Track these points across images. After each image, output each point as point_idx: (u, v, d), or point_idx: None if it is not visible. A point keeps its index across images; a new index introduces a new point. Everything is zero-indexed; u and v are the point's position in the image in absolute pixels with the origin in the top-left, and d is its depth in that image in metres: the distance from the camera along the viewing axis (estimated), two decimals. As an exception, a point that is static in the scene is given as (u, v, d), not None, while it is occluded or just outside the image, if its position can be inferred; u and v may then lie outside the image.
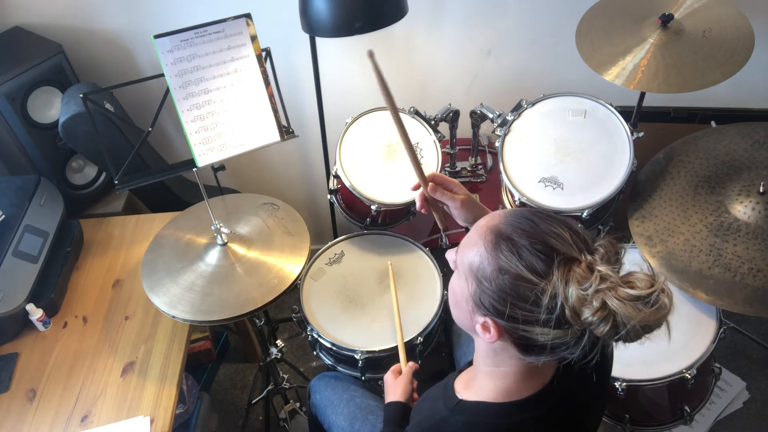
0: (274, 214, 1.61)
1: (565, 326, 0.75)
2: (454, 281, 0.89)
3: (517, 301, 0.77)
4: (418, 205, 1.12)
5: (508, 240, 0.79)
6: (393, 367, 1.33)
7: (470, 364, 1.00)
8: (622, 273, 0.77)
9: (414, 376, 1.33)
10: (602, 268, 0.74)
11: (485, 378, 0.91)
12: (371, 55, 0.92)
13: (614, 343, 0.79)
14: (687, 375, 1.39)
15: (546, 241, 0.77)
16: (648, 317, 0.71)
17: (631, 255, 1.63)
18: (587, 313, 0.73)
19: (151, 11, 1.90)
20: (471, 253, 0.83)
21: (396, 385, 1.28)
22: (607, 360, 1.02)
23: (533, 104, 1.67)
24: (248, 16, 1.33)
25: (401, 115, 1.04)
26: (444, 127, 1.82)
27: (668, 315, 0.73)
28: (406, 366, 1.33)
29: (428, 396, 1.06)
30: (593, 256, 0.76)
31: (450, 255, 0.92)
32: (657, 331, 0.74)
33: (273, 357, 1.78)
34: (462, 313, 0.88)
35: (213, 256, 1.49)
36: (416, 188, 1.12)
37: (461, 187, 1.11)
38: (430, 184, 1.09)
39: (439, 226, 1.16)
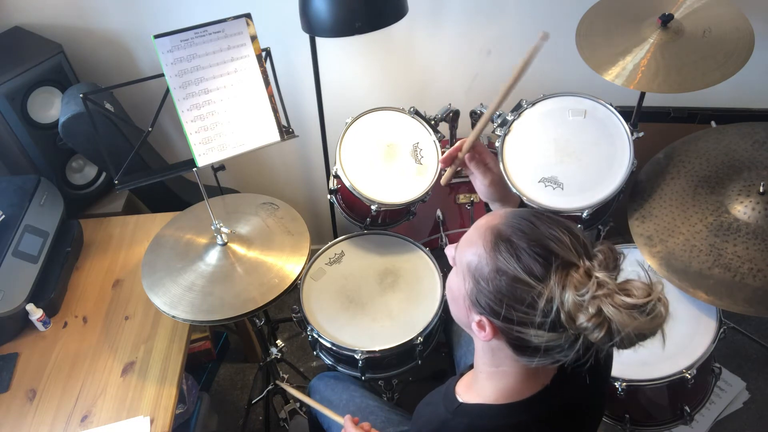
0: (274, 213, 1.61)
1: (559, 330, 0.75)
2: (452, 278, 0.90)
3: (514, 302, 0.77)
4: (442, 158, 1.11)
5: (508, 241, 0.79)
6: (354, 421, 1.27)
7: (471, 367, 1.00)
8: (621, 278, 0.77)
9: (414, 376, 1.32)
10: (600, 274, 0.74)
11: (486, 380, 0.91)
12: (545, 38, 0.92)
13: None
14: (687, 375, 1.39)
15: (545, 245, 0.77)
16: (643, 325, 0.71)
17: (631, 255, 1.63)
18: (582, 319, 0.73)
19: (151, 11, 1.90)
20: (469, 252, 0.83)
21: None
22: (606, 361, 1.02)
23: (533, 104, 1.67)
24: (248, 16, 1.33)
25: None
26: (444, 127, 1.82)
27: (664, 324, 0.73)
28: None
29: (429, 401, 1.06)
30: (591, 262, 0.76)
31: (449, 251, 0.92)
32: (651, 338, 0.74)
33: (273, 357, 1.78)
34: (459, 310, 0.88)
35: (213, 256, 1.49)
36: (457, 148, 1.10)
37: (497, 164, 1.11)
38: (470, 152, 1.08)
39: (441, 182, 1.16)
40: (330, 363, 1.62)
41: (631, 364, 1.42)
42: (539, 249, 0.77)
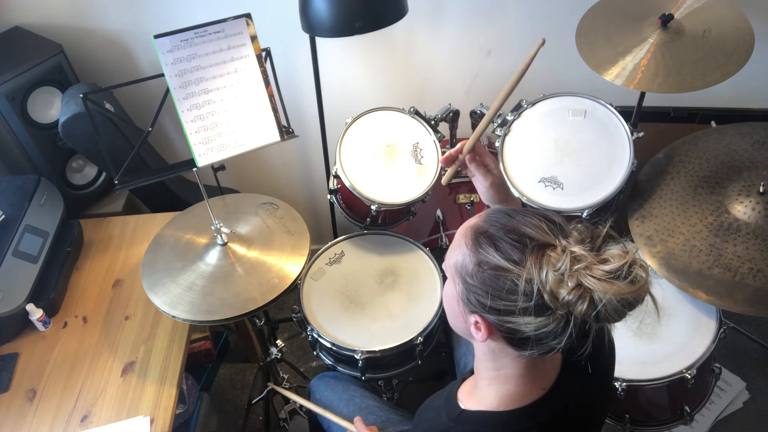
0: (274, 213, 1.61)
1: (546, 313, 0.76)
2: (446, 287, 0.91)
3: (497, 291, 0.79)
4: (443, 158, 1.09)
5: (486, 234, 0.82)
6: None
7: (473, 372, 0.99)
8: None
9: (414, 376, 1.32)
10: (575, 249, 0.76)
11: (488, 386, 0.91)
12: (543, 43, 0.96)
13: (611, 331, 0.78)
14: (687, 375, 1.39)
15: (521, 231, 0.79)
16: (623, 290, 0.72)
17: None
18: (563, 293, 0.74)
19: (151, 11, 1.90)
20: (455, 254, 0.86)
21: None
22: (609, 361, 1.02)
23: (533, 104, 1.67)
24: (248, 16, 1.33)
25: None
26: (444, 127, 1.82)
27: (646, 288, 0.74)
28: None
29: (431, 405, 1.05)
30: (567, 240, 0.78)
31: (444, 265, 0.93)
32: (642, 307, 0.75)
33: (273, 357, 1.78)
34: (456, 318, 0.89)
35: (213, 256, 1.49)
36: (458, 150, 1.08)
37: (497, 166, 1.11)
38: (471, 153, 1.07)
39: (442, 181, 1.16)
40: (330, 363, 1.62)
41: (631, 364, 1.42)
42: (515, 235, 0.79)
